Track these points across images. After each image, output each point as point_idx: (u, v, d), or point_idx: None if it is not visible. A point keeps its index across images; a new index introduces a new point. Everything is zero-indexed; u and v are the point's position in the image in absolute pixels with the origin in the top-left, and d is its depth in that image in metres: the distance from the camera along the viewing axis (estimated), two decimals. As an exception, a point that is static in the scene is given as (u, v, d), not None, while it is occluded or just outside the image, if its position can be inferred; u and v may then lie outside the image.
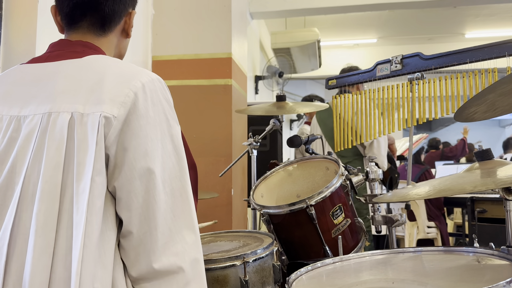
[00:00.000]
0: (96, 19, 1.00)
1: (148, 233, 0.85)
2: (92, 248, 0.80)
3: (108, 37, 1.03)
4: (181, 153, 0.92)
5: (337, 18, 6.93)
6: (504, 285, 0.84)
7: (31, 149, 0.86)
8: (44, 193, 0.82)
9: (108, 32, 1.03)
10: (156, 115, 0.89)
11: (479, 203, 3.28)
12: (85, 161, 0.83)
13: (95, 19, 1.00)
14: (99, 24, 1.01)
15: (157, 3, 2.98)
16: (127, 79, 0.89)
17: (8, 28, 1.79)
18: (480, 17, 7.14)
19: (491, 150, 1.12)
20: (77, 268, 0.78)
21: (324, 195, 1.56)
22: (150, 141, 0.87)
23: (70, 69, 0.92)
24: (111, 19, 1.02)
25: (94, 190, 0.82)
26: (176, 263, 0.86)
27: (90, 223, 0.81)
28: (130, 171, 0.85)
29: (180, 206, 0.89)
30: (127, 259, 0.86)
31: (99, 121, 0.84)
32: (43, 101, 0.89)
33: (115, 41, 1.06)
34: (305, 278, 1.13)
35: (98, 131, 0.83)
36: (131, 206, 0.85)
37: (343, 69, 3.15)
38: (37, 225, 0.81)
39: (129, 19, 1.06)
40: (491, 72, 1.94)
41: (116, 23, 1.03)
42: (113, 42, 1.05)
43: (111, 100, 0.86)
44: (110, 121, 0.84)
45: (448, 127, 13.56)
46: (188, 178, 0.93)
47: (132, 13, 1.07)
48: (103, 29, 1.02)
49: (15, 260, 0.81)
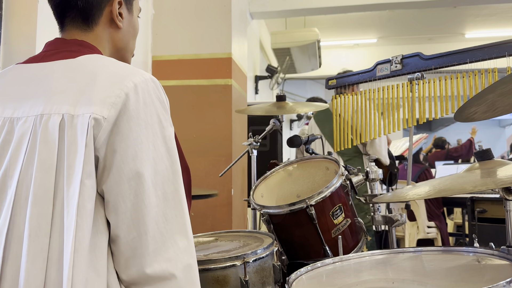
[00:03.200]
0: (75, 15, 0.99)
1: (137, 238, 0.82)
2: (83, 252, 0.79)
3: (94, 31, 1.01)
4: (174, 155, 0.89)
5: (337, 18, 6.93)
6: (504, 285, 0.84)
7: (24, 152, 0.84)
8: (37, 197, 0.81)
9: (93, 26, 1.00)
10: (148, 116, 0.86)
11: (479, 203, 3.28)
12: (75, 164, 0.81)
13: (74, 15, 0.99)
14: (80, 20, 0.99)
15: (157, 3, 2.98)
16: (119, 80, 0.87)
17: (8, 28, 1.79)
18: (480, 17, 7.14)
19: (491, 150, 1.12)
20: (68, 273, 0.76)
21: (324, 195, 1.57)
22: (140, 143, 0.84)
23: (63, 70, 0.90)
24: (89, 12, 0.99)
25: (84, 193, 0.80)
26: (168, 269, 0.82)
27: (81, 227, 0.79)
28: (118, 174, 0.83)
29: (173, 210, 0.86)
30: (117, 264, 0.84)
31: (89, 123, 0.82)
32: (36, 103, 0.87)
33: (105, 35, 1.03)
34: (305, 278, 1.13)
35: (88, 133, 0.82)
36: (118, 210, 0.83)
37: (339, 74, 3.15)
38: (31, 229, 0.79)
39: (113, 9, 1.02)
40: (491, 72, 1.94)
41: (98, 15, 1.01)
42: (103, 36, 1.03)
43: (101, 101, 0.84)
44: (99, 123, 0.82)
45: (448, 127, 13.56)
46: (181, 181, 0.90)
47: (115, 2, 1.02)
48: (86, 23, 1.00)
49: (10, 265, 0.80)
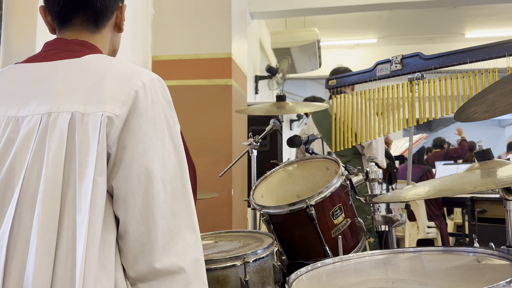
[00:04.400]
0: (88, 16, 0.99)
1: (146, 234, 0.84)
2: (94, 249, 0.80)
3: (101, 33, 1.02)
4: (181, 152, 0.91)
5: (337, 18, 6.93)
6: (504, 285, 0.84)
7: (30, 150, 0.85)
8: (46, 194, 0.81)
9: (101, 28, 1.02)
10: (156, 114, 0.88)
11: (479, 203, 3.28)
12: (87, 161, 0.82)
13: (87, 16, 0.99)
14: (92, 20, 1.00)
15: (157, 3, 2.98)
16: (128, 78, 0.88)
17: (8, 28, 1.79)
18: (480, 17, 7.14)
19: (491, 150, 1.12)
20: (80, 269, 0.77)
21: (324, 195, 1.56)
22: (149, 140, 0.86)
23: (69, 69, 0.91)
24: (104, 14, 1.00)
25: (96, 190, 0.81)
26: (177, 263, 0.84)
27: (93, 224, 0.80)
28: (128, 170, 0.84)
29: (181, 205, 0.88)
30: (125, 260, 0.85)
31: (101, 121, 0.83)
32: (42, 101, 0.88)
33: (108, 37, 1.05)
34: (305, 278, 1.13)
35: (100, 131, 0.83)
36: (127, 205, 0.84)
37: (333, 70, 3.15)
38: (39, 226, 0.80)
39: (121, 13, 1.05)
40: (491, 72, 1.94)
41: (108, 18, 1.02)
42: (107, 38, 1.04)
43: (112, 99, 0.85)
44: (112, 120, 0.84)
45: (448, 127, 13.55)
46: (188, 178, 0.92)
47: (123, 6, 1.06)
48: (96, 25, 1.00)
49: (15, 262, 0.81)
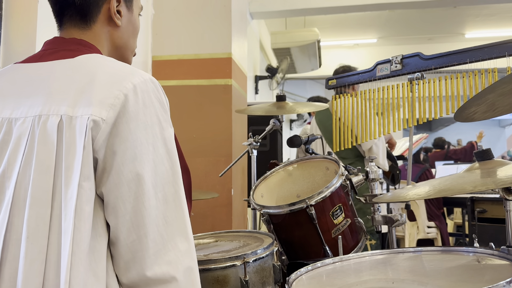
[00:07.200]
0: (73, 13, 0.99)
1: (138, 241, 0.82)
2: (81, 255, 0.78)
3: (93, 29, 1.00)
4: (174, 157, 0.89)
5: (337, 18, 6.93)
6: (504, 285, 0.84)
7: (22, 153, 0.83)
8: (35, 198, 0.80)
9: (90, 24, 1.00)
10: (147, 117, 0.85)
11: (479, 203, 3.28)
12: (73, 166, 0.80)
13: (72, 13, 0.99)
14: (78, 17, 0.99)
15: (157, 3, 2.98)
16: (118, 80, 0.86)
17: (8, 28, 1.79)
18: (480, 17, 7.14)
19: (491, 150, 1.11)
20: (65, 276, 0.76)
21: (324, 195, 1.56)
22: (139, 145, 0.83)
23: (62, 70, 0.90)
24: (87, 10, 0.99)
25: (82, 196, 0.79)
26: (169, 272, 0.82)
27: (79, 230, 0.78)
28: (117, 176, 0.82)
29: (173, 212, 0.85)
30: (117, 267, 0.84)
31: (87, 124, 0.81)
32: (34, 103, 0.86)
33: (103, 33, 1.02)
34: (305, 278, 1.13)
35: (86, 135, 0.81)
36: (117, 212, 0.82)
37: (336, 70, 3.15)
38: (29, 231, 0.79)
39: (111, 6, 1.01)
40: (491, 72, 1.94)
41: (95, 13, 1.00)
42: (101, 34, 1.02)
43: (100, 102, 0.83)
44: (98, 124, 0.81)
45: (448, 127, 13.56)
46: (181, 183, 0.89)
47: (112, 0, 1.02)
48: (84, 22, 0.99)
49: (8, 266, 0.80)
